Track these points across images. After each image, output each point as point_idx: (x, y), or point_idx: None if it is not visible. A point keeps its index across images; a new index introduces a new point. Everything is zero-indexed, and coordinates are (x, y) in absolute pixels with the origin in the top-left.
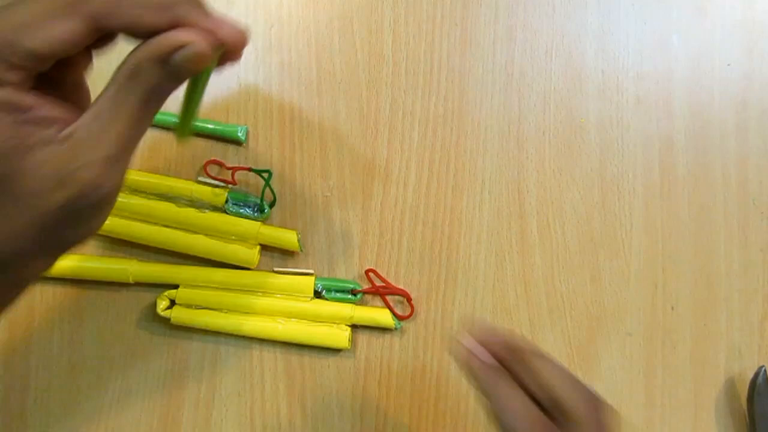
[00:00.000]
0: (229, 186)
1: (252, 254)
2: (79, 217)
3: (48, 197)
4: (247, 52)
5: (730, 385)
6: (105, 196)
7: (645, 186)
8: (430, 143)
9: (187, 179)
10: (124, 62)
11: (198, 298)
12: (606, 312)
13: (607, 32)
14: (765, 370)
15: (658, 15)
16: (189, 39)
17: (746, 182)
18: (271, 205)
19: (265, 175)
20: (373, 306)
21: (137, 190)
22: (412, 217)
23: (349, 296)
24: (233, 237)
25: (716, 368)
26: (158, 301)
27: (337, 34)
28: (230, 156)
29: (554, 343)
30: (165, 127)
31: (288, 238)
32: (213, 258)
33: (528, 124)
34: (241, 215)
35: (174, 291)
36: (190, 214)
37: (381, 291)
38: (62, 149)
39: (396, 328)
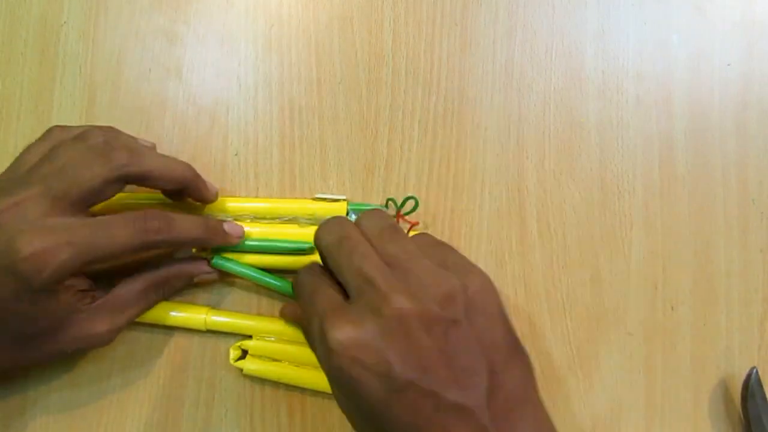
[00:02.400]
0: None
1: None
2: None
3: (64, 346)
4: (247, 52)
5: (730, 385)
6: (92, 347)
7: (645, 186)
8: (430, 143)
9: (302, 198)
10: (157, 268)
11: (271, 350)
12: (606, 312)
13: (607, 32)
14: (757, 372)
15: (658, 15)
16: (210, 270)
17: (746, 182)
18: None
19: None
20: None
21: (258, 218)
22: (412, 218)
23: None
24: None
25: (716, 368)
26: (231, 350)
27: (337, 34)
28: (230, 159)
29: (554, 343)
30: None
31: None
32: None
33: (528, 124)
34: None
35: (247, 342)
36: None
37: None
38: (91, 316)
39: None
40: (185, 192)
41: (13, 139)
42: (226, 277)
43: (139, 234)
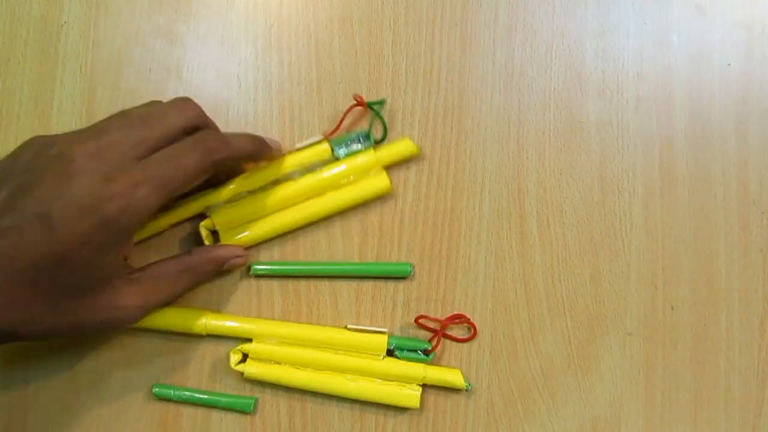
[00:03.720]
0: (327, 138)
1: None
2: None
3: (95, 315)
4: (247, 52)
5: (730, 386)
6: (122, 323)
7: (645, 186)
8: (430, 143)
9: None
10: (189, 253)
11: (271, 353)
12: (606, 312)
13: (607, 32)
14: None
15: (658, 15)
16: (239, 254)
17: (746, 182)
18: (383, 137)
19: (378, 107)
20: (440, 366)
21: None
22: (412, 218)
23: (421, 355)
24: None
25: (716, 368)
26: (231, 354)
27: (337, 34)
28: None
29: (554, 343)
30: None
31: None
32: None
33: (528, 124)
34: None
35: (248, 345)
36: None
37: (443, 334)
38: (127, 287)
39: (467, 389)
40: (253, 160)
41: (13, 139)
42: (226, 277)
43: (204, 155)
